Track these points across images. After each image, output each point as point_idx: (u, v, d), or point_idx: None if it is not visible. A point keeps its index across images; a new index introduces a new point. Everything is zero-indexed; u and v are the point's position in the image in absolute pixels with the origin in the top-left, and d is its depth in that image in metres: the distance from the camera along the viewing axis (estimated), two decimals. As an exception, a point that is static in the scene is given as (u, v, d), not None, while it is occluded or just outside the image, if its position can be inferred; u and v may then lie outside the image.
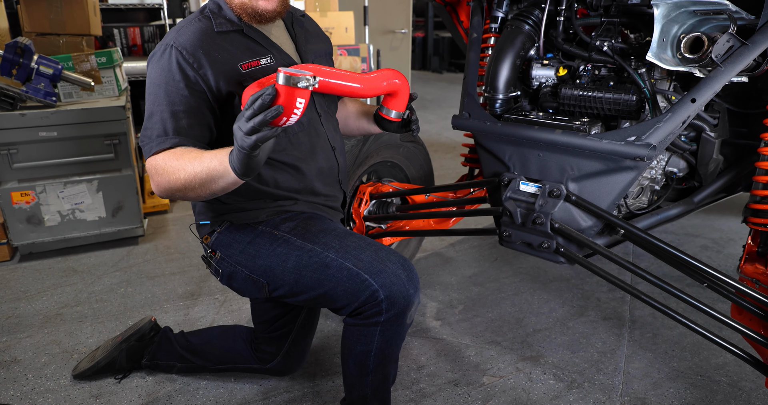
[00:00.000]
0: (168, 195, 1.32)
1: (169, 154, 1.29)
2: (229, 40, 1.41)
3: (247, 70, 1.39)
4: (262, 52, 1.45)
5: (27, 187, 2.64)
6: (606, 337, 2.11)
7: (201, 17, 1.42)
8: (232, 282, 1.55)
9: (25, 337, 2.12)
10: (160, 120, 1.32)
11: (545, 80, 1.93)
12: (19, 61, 2.54)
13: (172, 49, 1.33)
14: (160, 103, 1.33)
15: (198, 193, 1.28)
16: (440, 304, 2.37)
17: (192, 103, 1.34)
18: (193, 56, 1.33)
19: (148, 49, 4.39)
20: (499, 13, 2.04)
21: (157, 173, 1.30)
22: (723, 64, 1.47)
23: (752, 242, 1.75)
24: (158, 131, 1.32)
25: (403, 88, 1.47)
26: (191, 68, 1.33)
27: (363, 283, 1.33)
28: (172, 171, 1.27)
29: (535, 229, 1.73)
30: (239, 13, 1.41)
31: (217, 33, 1.39)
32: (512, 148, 1.83)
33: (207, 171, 1.23)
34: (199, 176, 1.24)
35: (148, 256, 2.83)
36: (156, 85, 1.34)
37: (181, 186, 1.27)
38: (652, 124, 1.53)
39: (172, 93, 1.32)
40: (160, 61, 1.34)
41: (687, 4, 1.52)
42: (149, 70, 1.38)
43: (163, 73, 1.33)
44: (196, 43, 1.34)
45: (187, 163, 1.25)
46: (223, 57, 1.37)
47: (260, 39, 1.46)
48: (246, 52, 1.42)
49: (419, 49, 11.39)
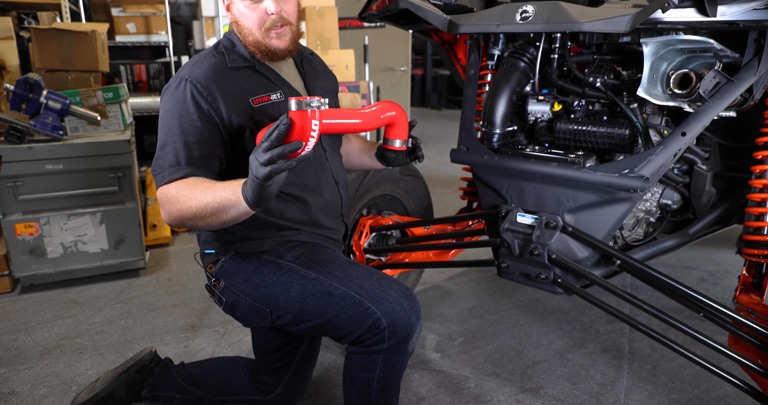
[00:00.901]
0: (178, 223, 1.35)
1: (182, 183, 1.33)
2: (241, 75, 1.47)
3: (258, 105, 1.45)
4: (273, 87, 1.51)
5: (31, 218, 2.67)
6: (606, 369, 2.11)
7: (215, 53, 1.48)
8: (235, 311, 1.56)
9: (23, 368, 2.11)
10: (173, 150, 1.36)
11: (541, 115, 1.99)
12: (28, 96, 2.61)
13: (187, 82, 1.39)
14: (174, 133, 1.37)
15: (208, 223, 1.30)
16: (440, 336, 2.37)
17: (204, 134, 1.38)
18: (207, 90, 1.39)
19: (153, 86, 4.49)
20: (496, 51, 2.11)
21: (168, 202, 1.33)
22: (711, 99, 1.53)
23: (747, 273, 1.78)
24: (171, 161, 1.36)
25: (400, 117, 1.52)
26: (205, 101, 1.38)
27: (366, 311, 1.35)
28: (184, 200, 1.30)
29: (532, 260, 1.76)
30: (252, 50, 1.47)
31: (230, 68, 1.46)
32: (509, 181, 1.87)
33: (219, 200, 1.26)
34: (211, 205, 1.27)
35: (149, 288, 2.84)
36: (170, 116, 1.39)
37: (192, 214, 1.29)
38: (645, 156, 1.58)
39: (185, 124, 1.37)
40: (175, 93, 1.39)
41: (674, 42, 1.59)
42: (163, 102, 1.43)
43: (178, 104, 1.38)
44: (210, 78, 1.40)
45: (200, 193, 1.28)
46: (236, 91, 1.43)
47: (271, 75, 1.52)
48: (257, 88, 1.48)
49: (418, 86, 11.60)
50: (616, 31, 1.48)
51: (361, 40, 5.92)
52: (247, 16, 1.44)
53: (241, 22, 1.46)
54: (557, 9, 1.62)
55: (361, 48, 5.84)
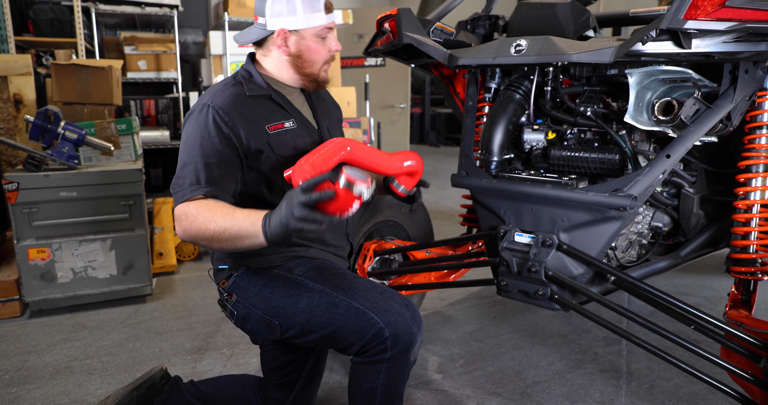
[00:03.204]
0: (191, 240, 1.43)
1: (202, 204, 1.41)
2: (258, 103, 1.59)
3: (274, 132, 1.58)
4: (286, 116, 1.64)
5: (44, 244, 2.76)
6: (604, 388, 2.16)
7: (234, 83, 1.61)
8: (245, 324, 1.64)
9: (34, 388, 2.15)
10: (194, 170, 1.46)
11: (536, 143, 2.11)
12: (47, 127, 2.74)
13: (210, 108, 1.50)
14: (195, 154, 1.47)
15: (222, 246, 1.38)
16: (441, 358, 2.42)
17: (224, 156, 1.49)
18: (228, 115, 1.50)
19: (161, 120, 4.64)
20: (492, 84, 2.25)
21: (187, 219, 1.41)
22: (692, 124, 1.65)
23: (736, 290, 1.87)
24: (191, 180, 1.45)
25: (419, 171, 1.65)
26: (226, 126, 1.49)
27: (369, 321, 1.43)
28: (204, 221, 1.37)
29: (530, 277, 1.84)
30: (303, 81, 1.64)
31: (248, 96, 1.58)
32: (507, 203, 1.97)
33: (237, 229, 1.34)
34: (229, 232, 1.34)
35: (156, 313, 2.89)
36: (192, 138, 1.50)
37: (209, 236, 1.37)
38: (633, 177, 1.69)
39: (206, 146, 1.48)
40: (198, 118, 1.51)
41: (656, 72, 1.72)
42: (186, 126, 1.54)
43: (200, 128, 1.49)
44: (231, 105, 1.52)
45: (219, 217, 1.36)
46: (254, 118, 1.55)
47: (285, 104, 1.65)
48: (273, 115, 1.61)
49: (417, 124, 11.85)
50: (602, 62, 1.61)
51: (362, 78, 6.14)
52: (315, 51, 1.60)
53: (304, 56, 1.60)
54: (548, 42, 1.76)
55: (362, 85, 6.05)
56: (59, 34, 4.22)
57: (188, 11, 5.35)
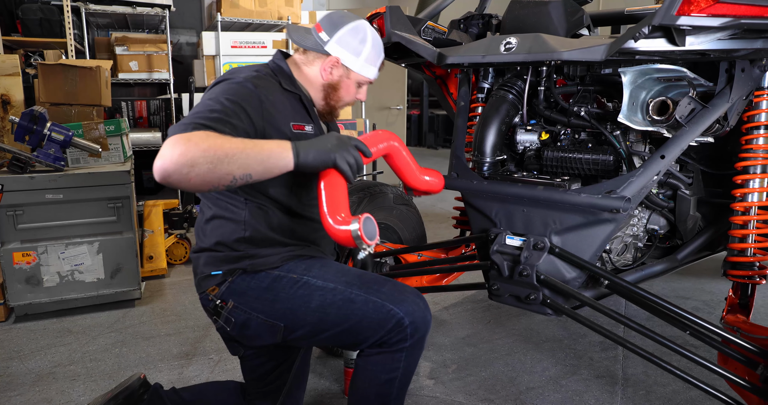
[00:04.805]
0: (185, 164, 1.18)
1: (211, 132, 1.27)
2: (289, 99, 1.59)
3: (296, 132, 1.56)
4: (308, 120, 1.64)
5: (29, 247, 2.70)
6: (599, 395, 2.11)
7: (268, 73, 1.58)
8: (245, 330, 1.57)
9: (15, 395, 2.10)
10: (207, 106, 1.36)
11: (529, 144, 2.06)
12: (33, 128, 2.68)
13: (253, 86, 1.46)
14: (216, 98, 1.39)
15: (229, 169, 1.23)
16: (434, 363, 2.37)
17: (242, 117, 1.40)
18: (268, 100, 1.48)
19: (153, 122, 4.60)
20: (485, 84, 2.21)
21: (189, 141, 1.20)
22: (687, 124, 1.60)
23: (733, 294, 1.82)
24: (202, 114, 1.33)
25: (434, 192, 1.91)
26: (260, 105, 1.45)
27: (389, 313, 1.43)
28: (216, 141, 1.22)
29: (521, 281, 1.79)
30: (321, 104, 1.69)
31: (283, 89, 1.57)
32: (498, 205, 1.93)
33: (259, 149, 1.27)
34: (247, 152, 1.24)
35: (144, 317, 2.84)
36: (222, 92, 1.42)
37: (221, 155, 1.21)
38: (626, 178, 1.64)
39: (232, 100, 1.39)
40: (237, 84, 1.45)
41: (651, 71, 1.67)
42: (217, 87, 1.47)
43: (233, 90, 1.43)
44: (270, 91, 1.51)
45: (235, 140, 1.27)
46: (283, 110, 1.54)
47: (310, 108, 1.66)
48: (298, 115, 1.60)
49: (415, 126, 11.82)
50: (593, 59, 1.56)
51: (358, 79, 6.08)
52: (349, 92, 1.69)
53: (338, 90, 1.67)
54: (538, 40, 1.71)
55: (358, 87, 5.99)
56: (48, 34, 4.16)
57: (181, 12, 5.31)
